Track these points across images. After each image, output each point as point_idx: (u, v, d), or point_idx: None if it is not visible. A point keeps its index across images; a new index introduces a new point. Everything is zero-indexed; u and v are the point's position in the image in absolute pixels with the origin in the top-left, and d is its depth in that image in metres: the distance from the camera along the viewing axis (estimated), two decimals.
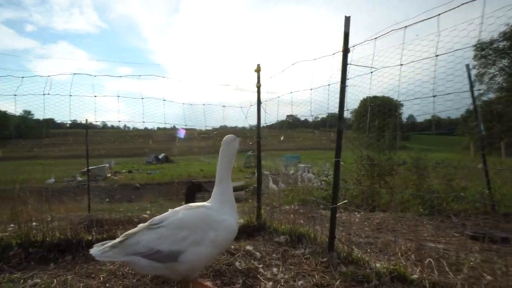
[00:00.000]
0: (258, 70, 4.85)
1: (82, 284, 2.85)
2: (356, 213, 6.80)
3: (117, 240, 2.28)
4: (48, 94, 4.10)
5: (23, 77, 4.13)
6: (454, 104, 2.54)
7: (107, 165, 25.62)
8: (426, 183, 7.43)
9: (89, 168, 22.08)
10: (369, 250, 4.02)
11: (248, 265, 3.34)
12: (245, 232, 4.68)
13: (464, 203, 6.22)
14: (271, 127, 5.81)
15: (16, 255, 3.70)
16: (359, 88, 3.51)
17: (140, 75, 4.58)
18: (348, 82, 3.47)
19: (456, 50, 2.43)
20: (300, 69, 4.35)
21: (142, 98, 4.47)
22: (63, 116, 4.29)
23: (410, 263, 3.22)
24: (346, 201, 4.31)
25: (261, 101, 4.89)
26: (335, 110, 3.65)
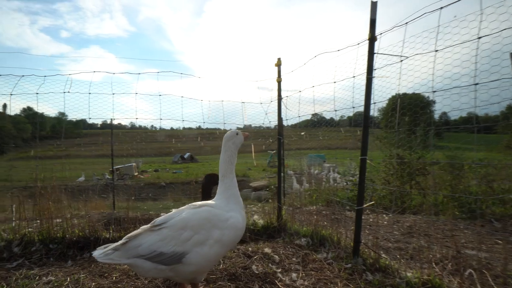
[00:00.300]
0: (278, 64, 4.64)
1: (94, 284, 2.79)
2: (384, 215, 6.40)
3: (120, 242, 2.18)
4: (68, 92, 4.13)
5: (45, 76, 4.20)
6: (501, 93, 2.19)
7: (134, 164, 26.39)
8: (462, 184, 6.85)
9: (118, 167, 22.86)
10: (398, 257, 3.70)
11: (266, 269, 3.14)
12: (265, 233, 4.50)
13: (508, 206, 5.64)
14: (295, 126, 5.59)
15: (37, 251, 3.75)
16: (387, 79, 3.20)
17: (158, 72, 4.53)
18: (375, 73, 3.18)
19: (504, 30, 2.09)
20: (323, 62, 4.09)
21: (160, 95, 4.41)
22: (83, 114, 4.31)
23: (446, 273, 2.89)
24: (373, 202, 3.98)
25: (282, 96, 4.67)
26: (361, 105, 3.37)
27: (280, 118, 4.67)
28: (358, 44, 3.46)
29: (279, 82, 4.66)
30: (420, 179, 7.64)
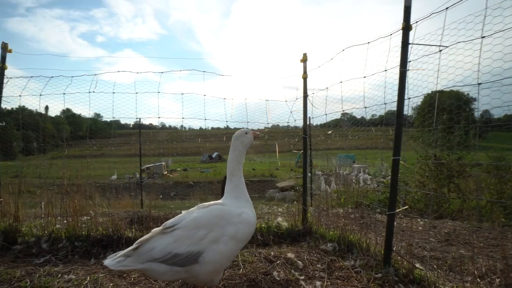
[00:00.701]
0: (304, 59, 4.43)
1: (112, 284, 2.76)
2: (418, 219, 5.96)
3: (131, 248, 2.13)
4: (93, 92, 4.19)
5: (72, 76, 4.29)
6: None
7: (163, 163, 27.08)
8: (510, 188, 6.21)
9: (148, 166, 23.55)
10: (435, 267, 3.36)
11: (288, 276, 2.96)
12: (289, 236, 4.30)
13: None
14: (324, 125, 5.38)
15: (63, 247, 3.83)
16: (423, 72, 2.89)
17: (181, 70, 4.48)
18: (409, 66, 2.89)
19: None
20: (351, 56, 3.83)
21: (182, 94, 4.36)
22: (107, 113, 4.37)
23: None
24: (406, 207, 3.66)
25: (308, 94, 4.45)
26: (393, 101, 3.10)
27: (305, 116, 4.46)
28: (391, 34, 3.18)
29: (304, 78, 4.45)
30: (460, 181, 7.04)
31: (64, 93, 4.14)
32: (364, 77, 3.52)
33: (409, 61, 2.88)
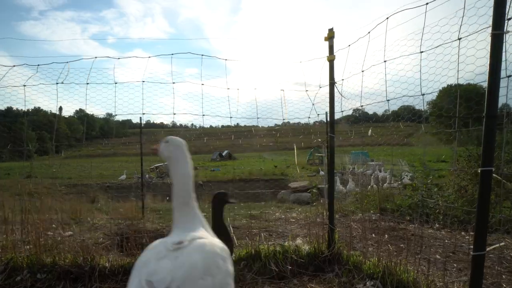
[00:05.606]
0: (330, 36, 3.40)
1: None
2: (462, 233, 4.89)
3: None
4: (62, 83, 3.32)
5: (67, 62, 3.40)
6: None
7: None
8: None
9: (157, 165, 22.86)
10: None
11: None
12: (311, 264, 3.33)
13: None
14: (347, 120, 4.54)
15: (23, 281, 2.98)
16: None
17: (173, 54, 3.58)
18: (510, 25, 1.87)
19: None
20: (392, 29, 2.83)
21: (173, 83, 3.44)
22: (109, 108, 3.56)
23: None
24: (502, 243, 2.64)
25: (335, 80, 3.44)
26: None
27: (332, 109, 3.44)
28: None
29: (331, 61, 3.43)
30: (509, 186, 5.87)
31: (24, 85, 3.26)
32: (421, 52, 2.50)
33: (509, 19, 1.85)
